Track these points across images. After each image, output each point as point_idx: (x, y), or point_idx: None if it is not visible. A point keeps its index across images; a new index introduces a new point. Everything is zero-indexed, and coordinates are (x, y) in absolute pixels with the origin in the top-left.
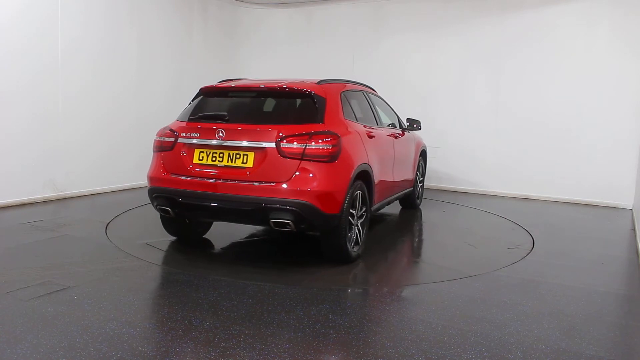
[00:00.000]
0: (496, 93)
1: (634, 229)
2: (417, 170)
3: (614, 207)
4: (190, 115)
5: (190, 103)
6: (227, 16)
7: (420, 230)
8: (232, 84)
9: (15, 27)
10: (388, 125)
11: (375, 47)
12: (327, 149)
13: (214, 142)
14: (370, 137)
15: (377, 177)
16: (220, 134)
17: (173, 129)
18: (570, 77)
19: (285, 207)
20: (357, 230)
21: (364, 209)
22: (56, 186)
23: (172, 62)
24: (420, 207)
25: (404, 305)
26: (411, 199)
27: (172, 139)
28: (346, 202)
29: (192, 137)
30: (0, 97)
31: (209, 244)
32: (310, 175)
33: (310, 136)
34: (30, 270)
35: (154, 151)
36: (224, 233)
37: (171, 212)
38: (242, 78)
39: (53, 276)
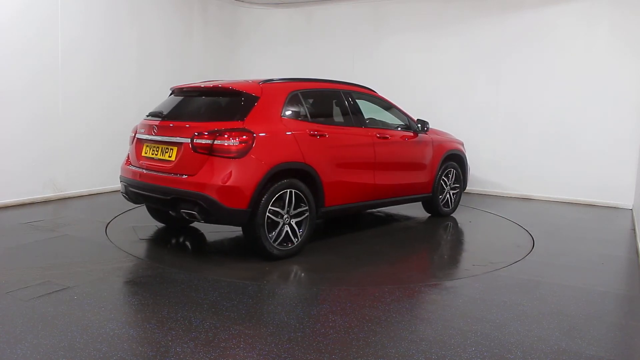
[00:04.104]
0: (496, 93)
1: (634, 229)
2: (443, 175)
3: (614, 207)
4: (148, 113)
5: None
6: (227, 16)
7: (405, 236)
8: (188, 84)
9: (15, 27)
10: (398, 128)
11: (375, 47)
12: (233, 145)
13: (151, 137)
14: (317, 136)
15: (330, 177)
16: (154, 130)
17: (137, 125)
18: (570, 77)
19: (190, 199)
20: (288, 229)
21: (304, 208)
22: (56, 186)
23: (172, 62)
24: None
25: (404, 305)
26: (433, 205)
27: (133, 134)
28: (263, 199)
29: (141, 133)
30: (1, 97)
31: (208, 242)
32: (215, 170)
33: (219, 133)
34: (30, 270)
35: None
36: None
37: (127, 198)
38: (219, 80)
39: (53, 276)
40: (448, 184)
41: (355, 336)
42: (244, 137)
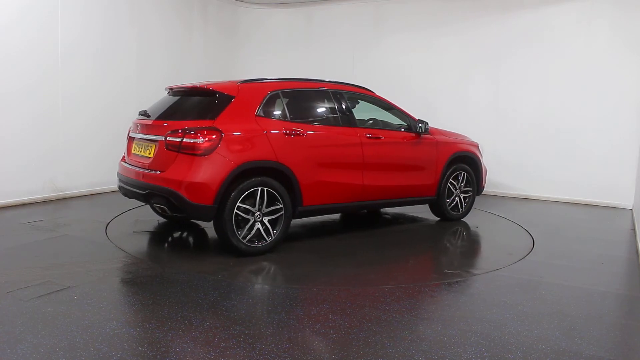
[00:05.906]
0: (496, 93)
1: (634, 229)
2: (452, 178)
3: (614, 207)
4: (139, 112)
5: None
6: (227, 16)
7: (402, 238)
8: (179, 84)
9: (16, 28)
10: (400, 129)
11: (375, 47)
12: (200, 143)
13: (137, 135)
14: (295, 135)
15: (309, 176)
16: (138, 129)
17: (132, 124)
18: (571, 77)
19: (159, 193)
20: (260, 227)
21: (278, 206)
22: (56, 186)
23: (172, 62)
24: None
25: (404, 305)
26: (440, 208)
27: (128, 132)
28: (231, 196)
29: (132, 131)
30: (1, 97)
31: (209, 241)
32: (183, 166)
33: (187, 131)
34: (30, 270)
35: None
36: None
37: (121, 192)
38: (215, 80)
39: (53, 276)
40: (457, 187)
41: (355, 336)
42: (211, 135)
